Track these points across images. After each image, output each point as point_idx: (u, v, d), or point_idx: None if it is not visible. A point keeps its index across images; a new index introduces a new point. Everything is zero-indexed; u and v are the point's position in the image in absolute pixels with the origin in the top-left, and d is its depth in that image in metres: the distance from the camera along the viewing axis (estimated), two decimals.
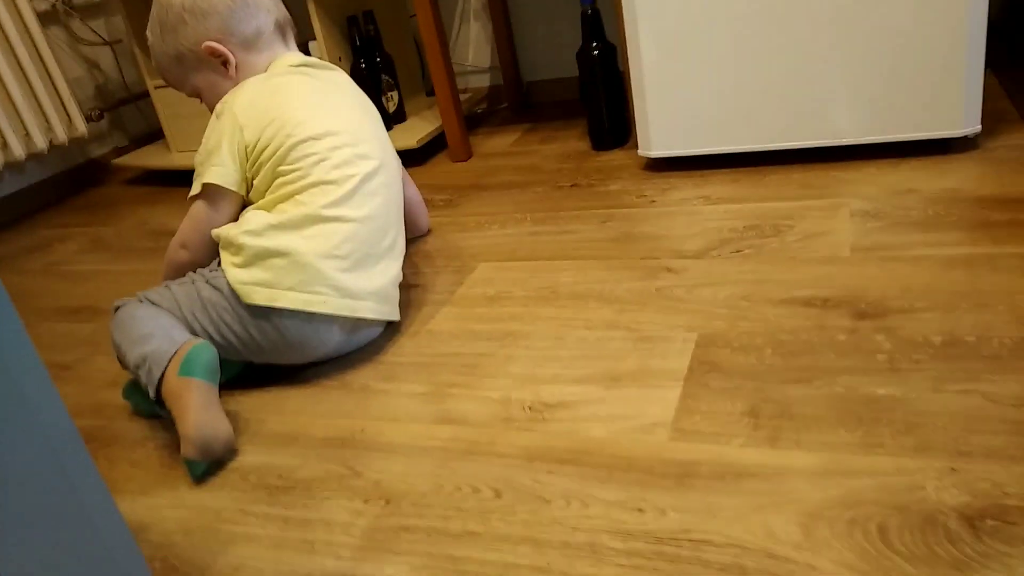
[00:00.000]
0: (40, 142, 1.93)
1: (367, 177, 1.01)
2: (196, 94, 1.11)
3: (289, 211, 0.96)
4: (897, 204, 1.15)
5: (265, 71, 1.07)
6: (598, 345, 0.95)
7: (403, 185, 1.19)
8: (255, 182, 1.01)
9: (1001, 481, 0.64)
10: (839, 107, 1.30)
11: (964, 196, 1.14)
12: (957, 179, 1.19)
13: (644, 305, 1.02)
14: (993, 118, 1.39)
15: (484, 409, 0.87)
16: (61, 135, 1.98)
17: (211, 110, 1.07)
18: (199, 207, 1.03)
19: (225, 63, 1.06)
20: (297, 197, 0.97)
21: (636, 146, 1.47)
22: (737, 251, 1.11)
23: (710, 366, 0.87)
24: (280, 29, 1.09)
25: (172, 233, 1.09)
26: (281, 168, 0.98)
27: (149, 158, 2.07)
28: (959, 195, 1.14)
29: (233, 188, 1.01)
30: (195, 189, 1.03)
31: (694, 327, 0.95)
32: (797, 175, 1.32)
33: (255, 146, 0.99)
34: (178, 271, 1.05)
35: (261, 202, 1.00)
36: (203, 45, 1.05)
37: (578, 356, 0.93)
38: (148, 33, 1.09)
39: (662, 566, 0.62)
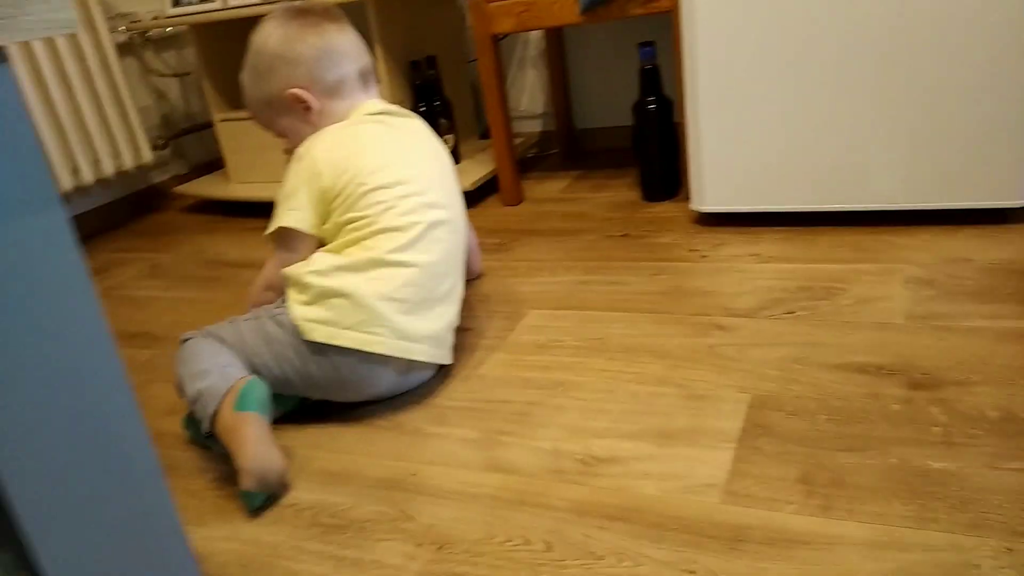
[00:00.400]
0: (108, 168, 2.01)
1: (432, 225, 1.04)
2: (282, 135, 1.16)
3: (355, 254, 1.00)
4: (952, 273, 1.15)
5: (346, 117, 1.11)
6: (649, 400, 0.96)
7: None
8: (327, 226, 1.05)
9: None
10: (893, 171, 1.30)
11: (1019, 268, 1.13)
12: (1013, 250, 1.19)
13: (696, 362, 1.02)
14: None
15: (534, 459, 0.88)
16: (128, 162, 2.06)
17: (292, 151, 1.11)
18: (281, 254, 1.08)
19: (308, 108, 1.11)
20: (364, 242, 1.01)
21: (687, 199, 1.49)
22: (789, 312, 1.12)
23: (762, 429, 0.87)
24: (363, 77, 1.14)
25: (229, 263, 1.13)
26: (351, 215, 1.02)
27: (209, 188, 2.14)
28: (1015, 266, 1.14)
29: (308, 231, 1.05)
30: (271, 228, 1.07)
31: (746, 388, 0.95)
32: (850, 238, 1.32)
33: (330, 191, 1.03)
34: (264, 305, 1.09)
35: (331, 245, 1.03)
36: (288, 92, 1.10)
37: (629, 411, 0.94)
38: (243, 76, 1.15)
39: None
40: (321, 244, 1.07)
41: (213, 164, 2.43)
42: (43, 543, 0.51)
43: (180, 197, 2.31)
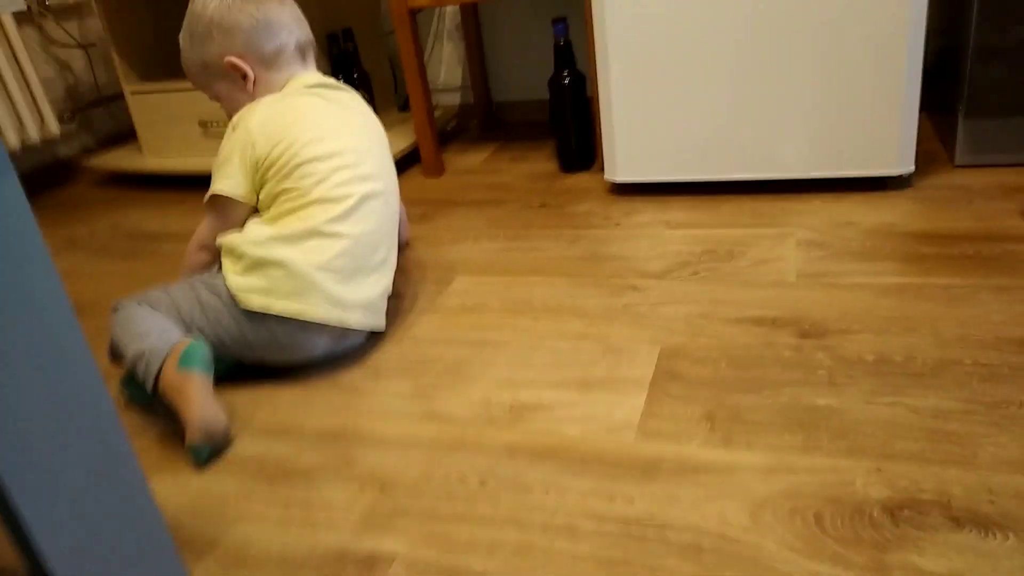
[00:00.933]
0: (13, 140, 1.95)
1: (366, 197, 1.08)
2: (217, 99, 1.18)
3: (291, 225, 1.03)
4: (839, 235, 1.27)
5: (282, 88, 1.14)
6: (570, 354, 1.04)
7: None
8: (261, 195, 1.08)
9: (918, 479, 0.75)
10: (789, 143, 1.42)
11: (898, 230, 1.26)
12: (892, 214, 1.32)
13: (612, 320, 1.11)
14: (926, 159, 1.53)
15: (467, 409, 0.95)
16: (34, 135, 2.00)
17: (229, 117, 1.14)
18: (213, 214, 1.10)
19: (244, 77, 1.13)
20: (299, 213, 1.04)
21: (602, 170, 1.58)
22: (695, 273, 1.22)
23: (671, 375, 0.96)
24: (300, 50, 1.16)
25: (148, 235, 1.14)
26: (285, 185, 1.05)
27: (121, 160, 2.10)
28: (893, 229, 1.27)
29: (240, 199, 1.08)
30: (207, 196, 1.10)
31: (657, 340, 1.04)
32: (749, 205, 1.44)
33: (264, 161, 1.06)
34: (201, 272, 1.12)
35: (266, 215, 1.06)
36: (225, 59, 1.12)
37: (552, 363, 1.02)
38: (180, 38, 1.16)
39: (631, 544, 0.71)
40: (254, 211, 1.10)
41: (122, 136, 2.37)
42: (15, 483, 0.55)
43: (91, 171, 2.25)
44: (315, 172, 1.05)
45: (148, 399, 0.99)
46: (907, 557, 0.66)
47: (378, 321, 1.11)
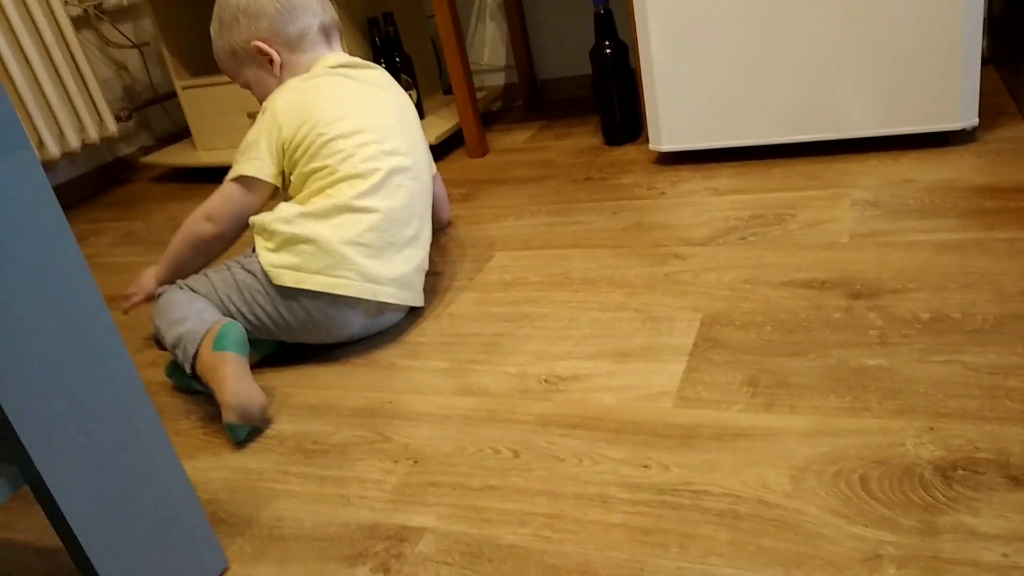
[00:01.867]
0: (73, 141, 2.02)
1: (393, 171, 1.08)
2: (247, 86, 1.20)
3: (319, 202, 1.04)
4: (895, 194, 1.21)
5: (308, 71, 1.14)
6: (609, 325, 1.01)
7: (434, 177, 1.27)
8: (292, 177, 1.08)
9: (973, 438, 0.70)
10: (842, 102, 1.36)
11: (959, 186, 1.19)
12: (954, 170, 1.25)
13: (653, 288, 1.08)
14: (993, 112, 1.44)
15: (502, 382, 0.94)
16: (93, 134, 2.07)
17: (260, 102, 1.15)
18: (233, 188, 1.10)
19: (271, 61, 1.15)
20: (327, 191, 1.05)
21: (647, 141, 1.54)
22: (742, 239, 1.17)
23: (713, 342, 0.93)
24: (324, 31, 1.17)
25: None
26: (313, 165, 1.06)
27: (176, 156, 2.16)
28: (954, 185, 1.20)
29: (267, 179, 1.09)
30: (230, 175, 1.11)
31: (699, 308, 1.01)
32: (801, 167, 1.38)
33: (291, 143, 1.07)
34: (194, 243, 1.11)
35: (298, 197, 1.07)
36: (252, 44, 1.14)
37: (590, 335, 1.00)
38: (211, 28, 1.18)
39: (665, 513, 0.69)
40: (276, 193, 1.11)
41: (179, 134, 2.43)
42: (44, 460, 0.56)
43: (148, 168, 2.32)
44: (342, 149, 1.05)
45: (191, 384, 1.01)
46: (960, 519, 0.62)
47: (414, 296, 1.11)
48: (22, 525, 0.87)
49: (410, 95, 1.90)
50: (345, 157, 1.05)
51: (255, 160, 1.08)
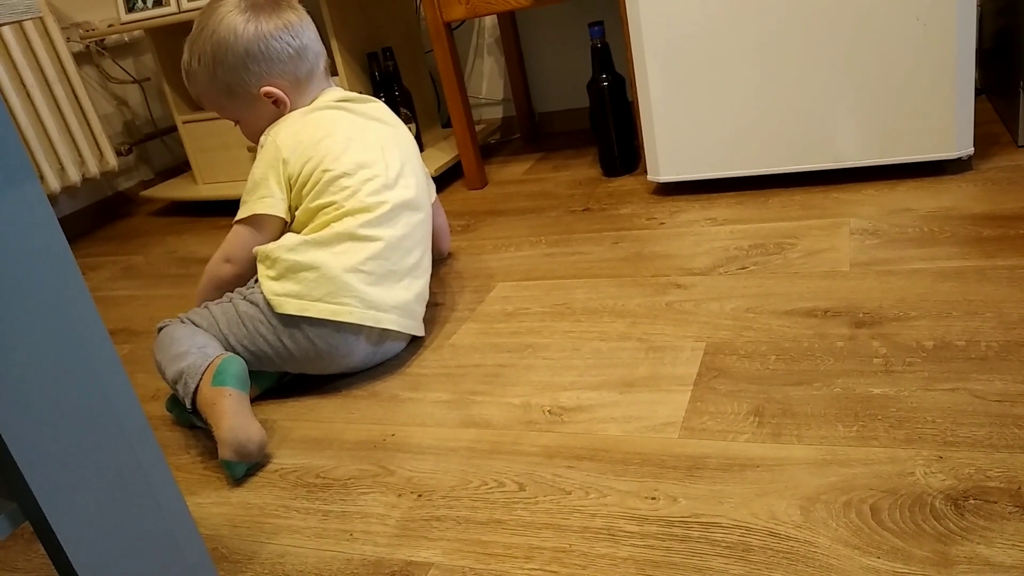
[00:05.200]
0: (74, 175, 2.03)
1: (397, 204, 1.08)
2: (235, 120, 1.18)
3: (322, 232, 1.04)
4: (894, 222, 1.21)
5: (310, 105, 1.15)
6: (612, 355, 1.01)
7: (436, 209, 1.28)
8: (297, 213, 1.09)
9: (983, 466, 0.69)
10: (839, 132, 1.37)
11: (957, 214, 1.20)
12: (951, 198, 1.26)
13: (655, 318, 1.08)
14: (987, 141, 1.46)
15: (506, 413, 0.93)
16: (93, 168, 2.08)
17: (249, 138, 1.15)
18: (245, 229, 1.11)
19: (276, 102, 1.14)
20: (333, 224, 1.05)
21: (645, 172, 1.55)
22: (743, 268, 1.17)
23: (717, 372, 0.93)
24: (325, 67, 1.18)
25: (201, 260, 1.16)
26: (319, 201, 1.06)
27: (176, 190, 2.16)
28: (952, 213, 1.21)
29: (280, 215, 1.09)
30: (242, 214, 1.11)
31: (702, 337, 1.01)
32: (799, 197, 1.39)
33: (297, 178, 1.07)
34: (219, 285, 1.12)
35: (305, 230, 1.07)
36: (262, 89, 1.12)
37: (593, 365, 1.00)
38: (193, 60, 1.13)
39: (674, 546, 0.68)
40: (287, 226, 1.11)
41: (178, 168, 2.44)
42: (46, 496, 0.55)
43: (148, 201, 2.33)
44: (348, 186, 1.06)
45: (191, 419, 1.01)
46: (974, 549, 0.61)
47: (416, 325, 1.10)
48: (21, 563, 0.85)
49: (409, 128, 1.91)
50: (351, 193, 1.06)
51: (266, 198, 1.09)
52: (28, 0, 0.53)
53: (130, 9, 2.08)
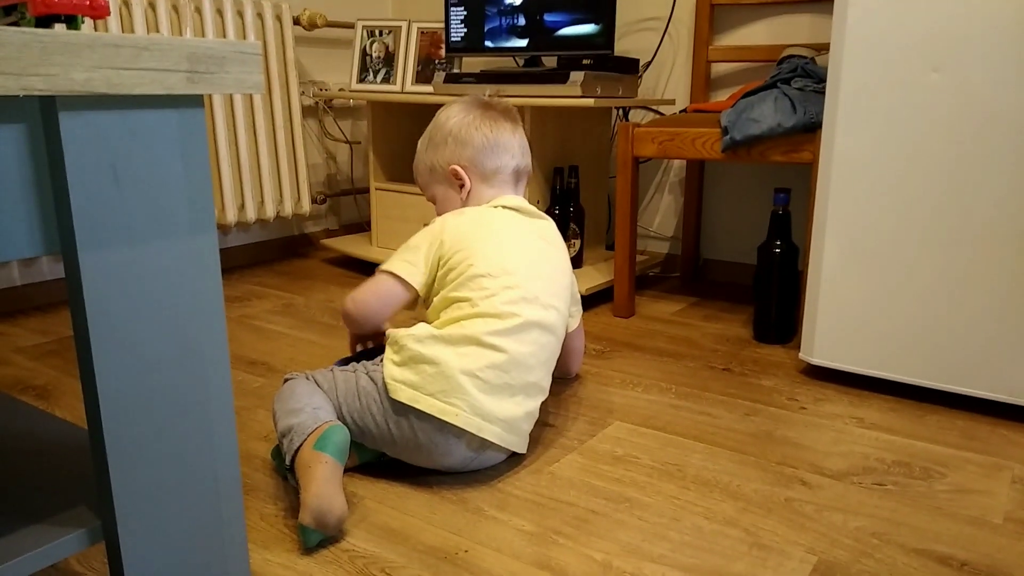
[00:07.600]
0: (270, 211, 2.22)
1: (530, 321, 1.10)
2: (433, 200, 1.31)
3: (452, 330, 1.07)
4: None
5: (488, 203, 1.23)
6: (712, 538, 0.95)
7: (574, 332, 1.29)
8: (435, 299, 1.13)
9: None
10: (1015, 363, 1.25)
11: None
12: None
13: (769, 512, 1.01)
14: None
15: (583, 567, 0.89)
16: (288, 209, 2.27)
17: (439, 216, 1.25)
18: (380, 278, 1.19)
19: (462, 185, 1.25)
20: (463, 322, 1.08)
21: (798, 348, 1.48)
22: (879, 483, 1.08)
23: None
24: (516, 174, 1.27)
25: None
26: (456, 294, 1.11)
27: (353, 245, 2.31)
28: None
29: (413, 285, 1.16)
30: (385, 267, 1.19)
31: (816, 550, 0.92)
32: (962, 423, 1.27)
33: (446, 262, 1.14)
34: (344, 317, 1.22)
35: (436, 322, 1.11)
36: (451, 167, 1.25)
37: (689, 543, 0.94)
38: (419, 141, 1.31)
39: None
40: (416, 302, 1.18)
41: (360, 226, 2.63)
42: (125, 521, 0.58)
43: (326, 249, 2.51)
44: (487, 287, 1.09)
45: (288, 472, 1.04)
46: None
47: (519, 442, 1.09)
48: (96, 564, 0.90)
49: (575, 243, 1.95)
50: (487, 295, 1.09)
51: (409, 264, 1.16)
52: (257, 79, 0.60)
53: (361, 80, 2.29)
